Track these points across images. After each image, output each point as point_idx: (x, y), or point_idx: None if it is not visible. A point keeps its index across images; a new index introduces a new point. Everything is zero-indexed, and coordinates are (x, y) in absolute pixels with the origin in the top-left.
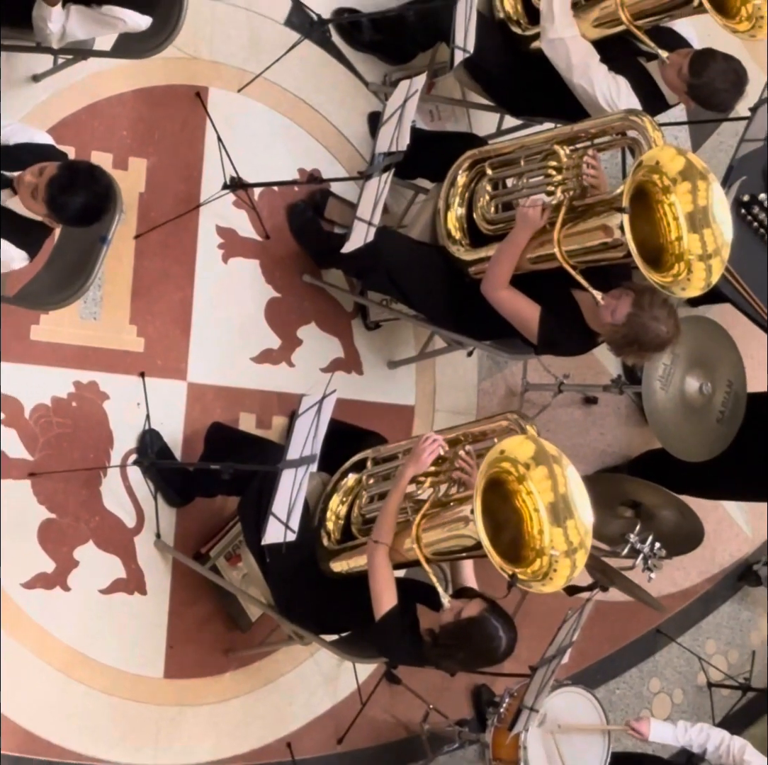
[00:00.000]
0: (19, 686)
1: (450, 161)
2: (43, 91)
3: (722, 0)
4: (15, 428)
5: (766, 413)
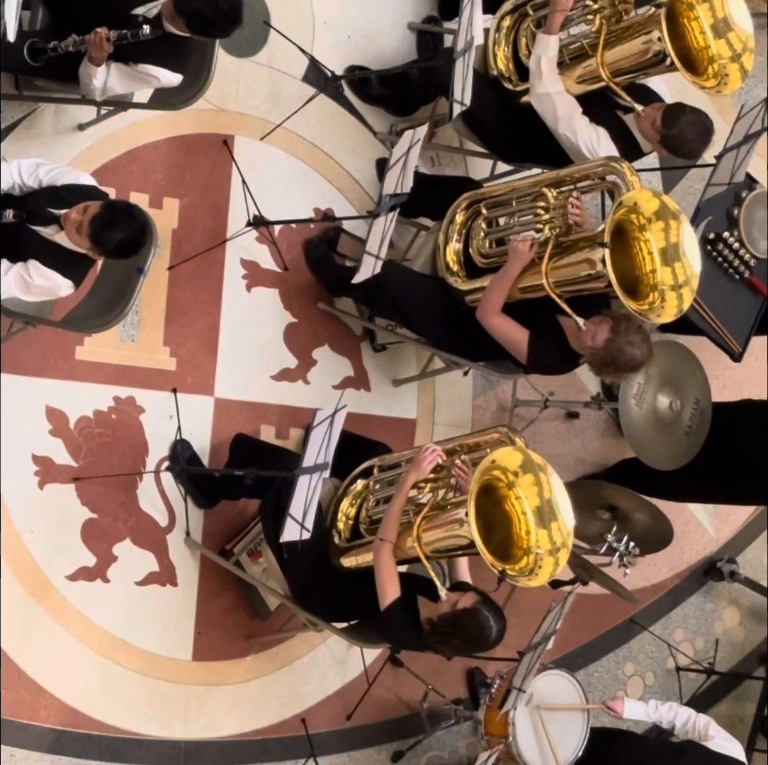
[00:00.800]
0: (63, 668)
1: (449, 202)
2: (87, 139)
3: (691, 59)
4: (61, 438)
5: (728, 428)
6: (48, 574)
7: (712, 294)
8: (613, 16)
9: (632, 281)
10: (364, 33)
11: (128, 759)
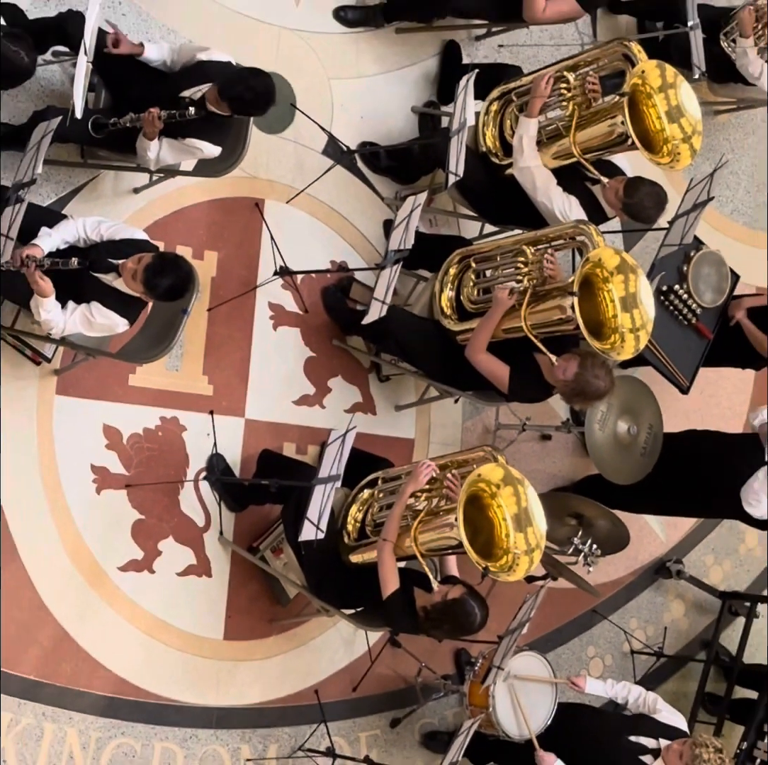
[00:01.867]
0: (114, 645)
1: (444, 257)
2: (141, 200)
3: (649, 140)
4: (115, 451)
5: (676, 451)
6: (103, 565)
7: (664, 336)
8: (584, 102)
9: (597, 324)
10: (374, 114)
11: (168, 722)
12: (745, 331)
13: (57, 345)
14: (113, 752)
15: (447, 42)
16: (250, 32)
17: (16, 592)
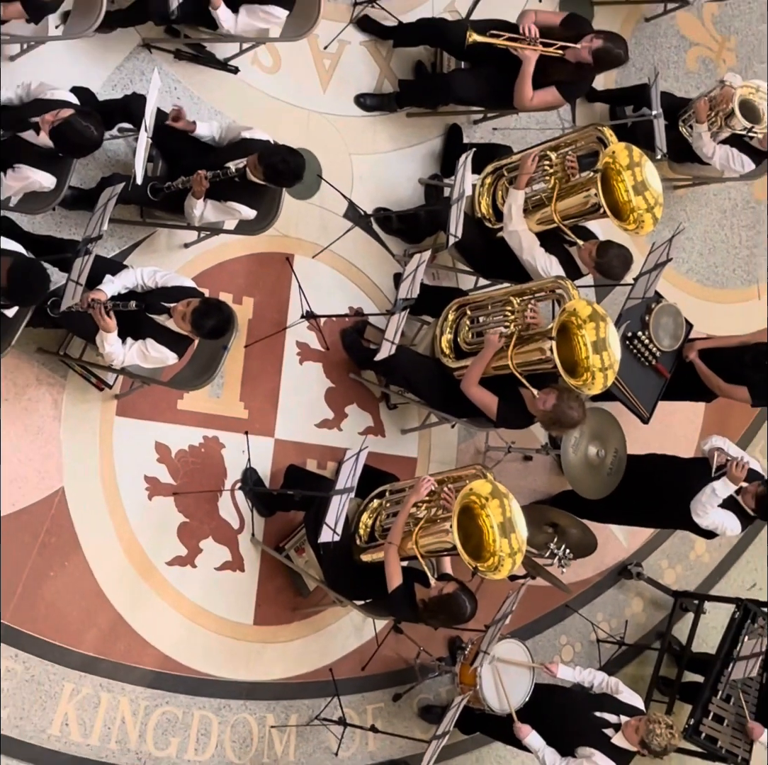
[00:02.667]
0: (161, 627)
1: (444, 305)
2: (190, 254)
3: (618, 209)
4: (165, 464)
5: (638, 471)
6: (153, 560)
7: (628, 375)
8: (564, 177)
9: (572, 364)
10: (387, 185)
11: (205, 694)
12: (697, 370)
13: (117, 374)
14: (158, 718)
15: (450, 125)
16: (284, 114)
17: (79, 582)
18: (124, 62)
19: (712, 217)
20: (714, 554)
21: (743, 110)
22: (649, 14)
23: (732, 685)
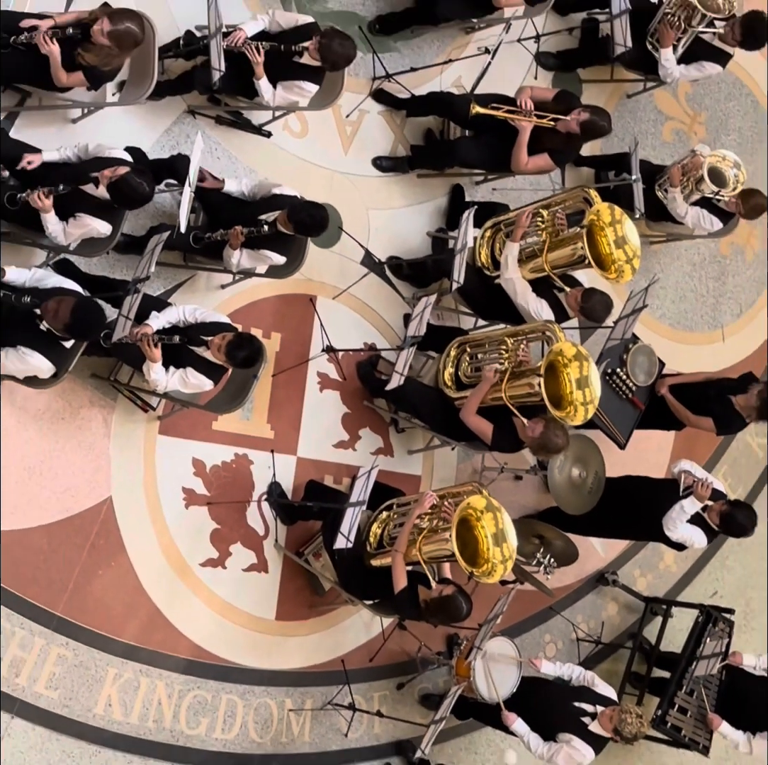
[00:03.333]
0: (194, 621)
1: (447, 342)
2: (226, 294)
3: (601, 261)
4: (200, 477)
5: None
6: (188, 561)
7: (608, 406)
8: (554, 232)
9: (558, 398)
10: (399, 236)
11: (231, 680)
12: (668, 403)
13: (160, 398)
14: (191, 701)
15: (454, 185)
16: (311, 173)
17: (123, 579)
18: (172, 126)
19: (683, 269)
20: (681, 565)
21: (712, 176)
22: (631, 91)
23: (695, 681)
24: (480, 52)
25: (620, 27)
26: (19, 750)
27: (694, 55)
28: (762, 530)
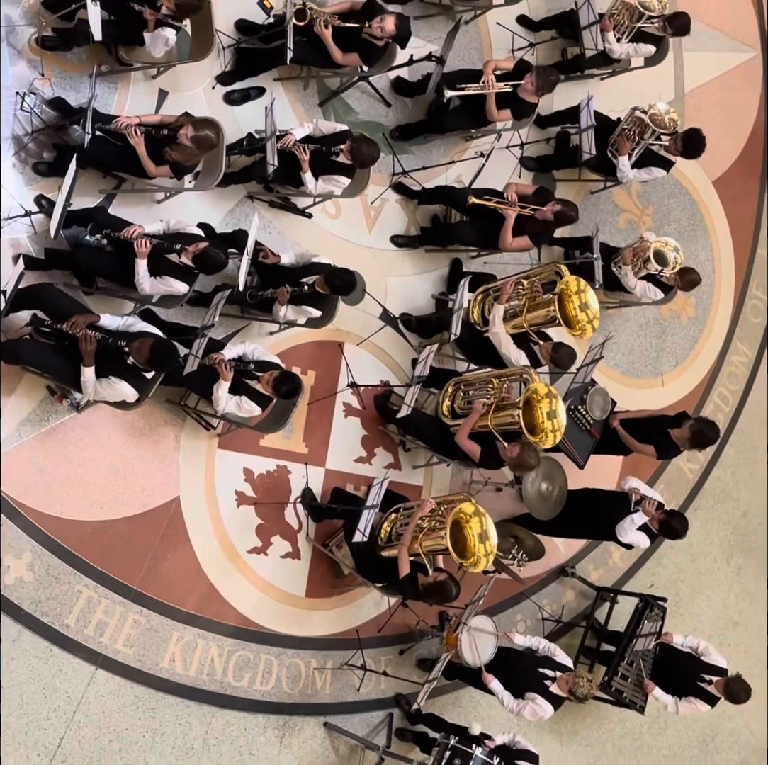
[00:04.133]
0: (242, 596)
1: (445, 381)
2: (274, 339)
3: (568, 321)
4: (249, 483)
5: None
6: (238, 549)
7: (570, 435)
8: (532, 298)
9: (532, 426)
10: (410, 297)
11: (269, 643)
12: (619, 434)
13: (220, 419)
14: (236, 659)
15: (454, 259)
16: (342, 246)
17: (186, 561)
18: (234, 207)
19: (632, 329)
20: (626, 561)
21: (656, 258)
22: (594, 189)
23: (635, 654)
24: (476, 156)
25: (587, 139)
26: (101, 694)
27: (644, 161)
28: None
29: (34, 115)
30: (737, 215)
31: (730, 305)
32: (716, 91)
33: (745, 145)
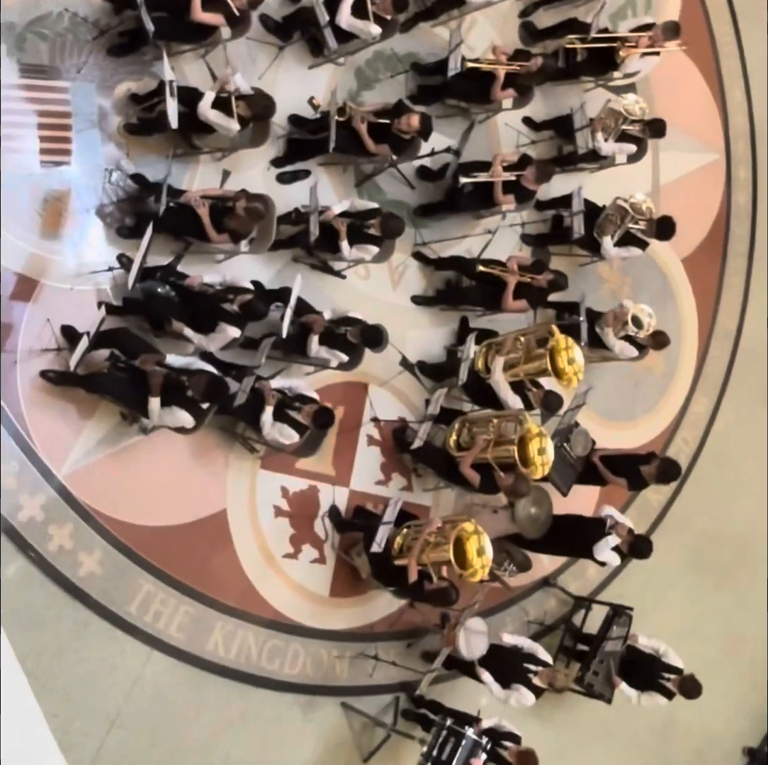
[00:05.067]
0: (276, 593)
1: (453, 419)
2: (310, 378)
3: (558, 372)
4: (285, 499)
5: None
6: (274, 554)
7: (557, 468)
8: (528, 352)
9: (525, 459)
10: (426, 348)
11: (297, 633)
12: (598, 468)
13: (262, 444)
14: (270, 646)
15: (462, 316)
16: (370, 303)
17: (230, 563)
18: (282, 268)
19: (611, 380)
20: (599, 576)
21: (633, 321)
22: (582, 263)
23: (605, 654)
24: (484, 232)
25: (577, 221)
26: (154, 672)
27: (624, 241)
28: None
29: (119, 188)
30: (700, 288)
31: (693, 363)
32: (686, 185)
33: (708, 232)
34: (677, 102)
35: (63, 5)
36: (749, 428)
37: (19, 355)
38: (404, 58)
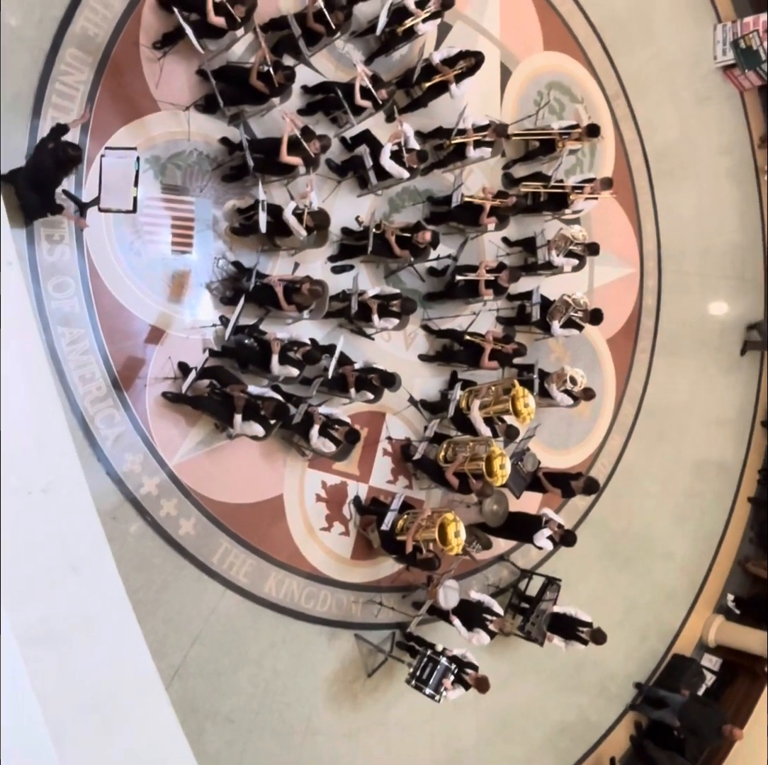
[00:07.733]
0: (313, 555)
1: (442, 441)
2: (344, 407)
3: (517, 412)
4: (324, 489)
5: (512, 518)
6: (314, 527)
7: (513, 478)
8: (497, 396)
9: (491, 471)
10: (427, 390)
11: (326, 583)
12: (541, 481)
13: (310, 451)
14: (307, 592)
15: (453, 370)
16: (390, 358)
17: (283, 533)
18: (331, 331)
19: (553, 420)
20: (539, 556)
21: (571, 380)
22: (537, 338)
23: (540, 611)
24: (471, 313)
25: (535, 309)
26: (227, 606)
27: (567, 325)
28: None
29: (223, 271)
30: (619, 360)
31: (611, 411)
32: (612, 289)
33: (626, 321)
34: (608, 231)
35: (193, 146)
36: (649, 458)
37: (148, 381)
38: (423, 193)
